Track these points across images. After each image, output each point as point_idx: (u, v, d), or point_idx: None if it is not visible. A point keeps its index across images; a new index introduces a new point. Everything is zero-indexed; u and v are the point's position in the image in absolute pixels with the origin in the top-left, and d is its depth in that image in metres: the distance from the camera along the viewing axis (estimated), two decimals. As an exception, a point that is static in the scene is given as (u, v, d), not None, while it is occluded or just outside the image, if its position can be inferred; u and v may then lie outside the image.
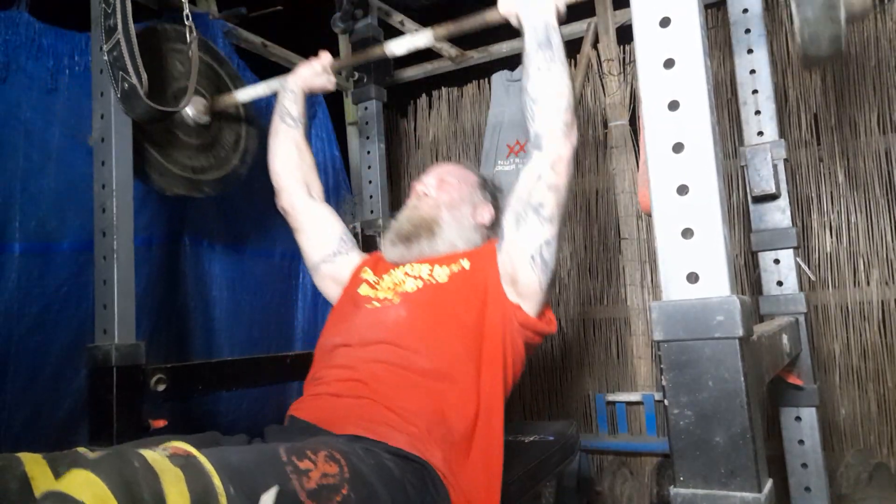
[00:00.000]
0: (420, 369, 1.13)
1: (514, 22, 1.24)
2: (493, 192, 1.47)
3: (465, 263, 1.28)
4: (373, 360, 1.16)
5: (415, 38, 1.45)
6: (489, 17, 1.33)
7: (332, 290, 1.48)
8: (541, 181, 1.14)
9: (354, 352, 1.21)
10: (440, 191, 1.42)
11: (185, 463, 0.71)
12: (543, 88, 1.15)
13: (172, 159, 1.60)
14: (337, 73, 2.70)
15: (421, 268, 1.31)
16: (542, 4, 1.19)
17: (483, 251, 1.31)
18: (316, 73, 1.54)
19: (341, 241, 1.48)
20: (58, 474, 0.80)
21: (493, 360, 1.17)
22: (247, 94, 1.72)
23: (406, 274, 1.31)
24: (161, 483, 0.67)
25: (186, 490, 0.68)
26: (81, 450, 0.87)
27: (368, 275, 1.39)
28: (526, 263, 1.15)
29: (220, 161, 1.75)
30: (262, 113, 1.93)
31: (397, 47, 1.46)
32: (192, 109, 1.67)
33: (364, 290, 1.35)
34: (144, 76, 1.36)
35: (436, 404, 1.10)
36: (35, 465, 0.80)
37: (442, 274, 1.27)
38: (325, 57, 1.55)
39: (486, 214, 1.42)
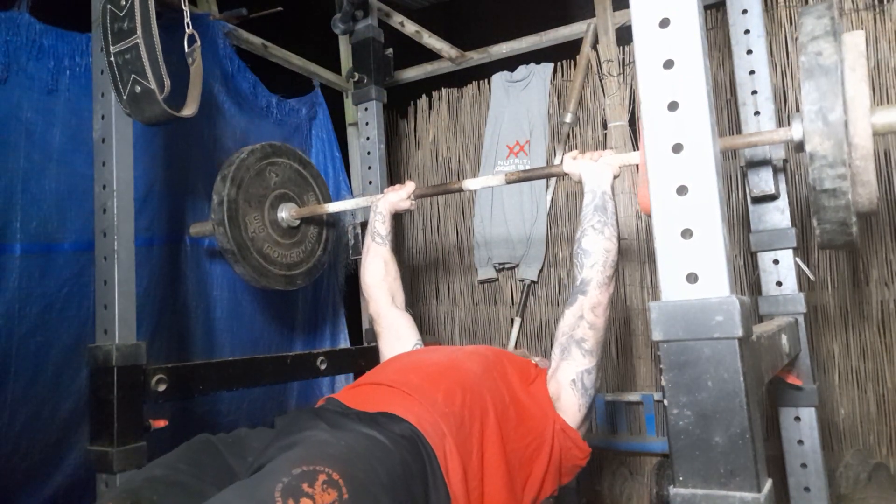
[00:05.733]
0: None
1: (576, 179, 1.47)
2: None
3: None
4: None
5: (489, 179, 1.66)
6: (553, 171, 1.57)
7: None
8: (583, 321, 1.30)
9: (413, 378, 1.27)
10: None
11: None
12: (595, 245, 1.31)
13: (271, 260, 1.90)
14: (337, 73, 2.71)
15: None
16: (603, 175, 1.40)
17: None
18: (402, 198, 1.74)
19: (414, 347, 1.59)
20: None
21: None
22: (335, 207, 1.93)
23: None
24: None
25: None
26: None
27: None
28: (568, 386, 1.30)
29: (308, 254, 2.04)
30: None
31: (472, 184, 1.69)
32: (285, 213, 1.94)
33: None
34: (168, 81, 1.36)
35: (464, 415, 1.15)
36: None
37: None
38: (409, 185, 1.77)
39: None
